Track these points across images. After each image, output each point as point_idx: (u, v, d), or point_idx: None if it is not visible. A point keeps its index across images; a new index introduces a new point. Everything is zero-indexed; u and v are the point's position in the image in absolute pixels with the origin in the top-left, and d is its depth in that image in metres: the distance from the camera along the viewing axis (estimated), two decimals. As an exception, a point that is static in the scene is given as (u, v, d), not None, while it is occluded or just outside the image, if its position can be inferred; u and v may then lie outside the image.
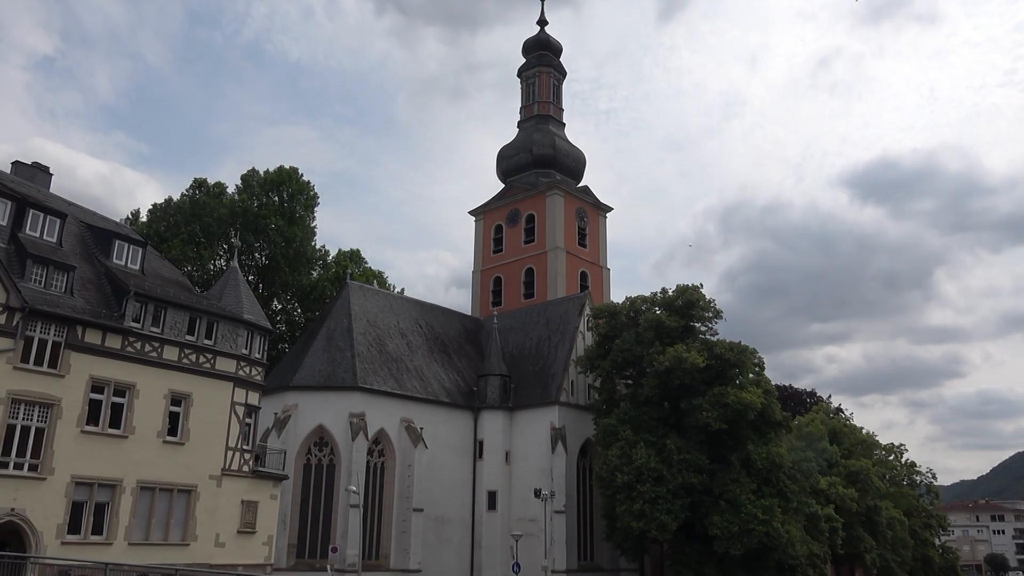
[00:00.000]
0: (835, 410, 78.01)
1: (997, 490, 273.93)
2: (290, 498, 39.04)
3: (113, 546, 25.74)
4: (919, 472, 75.69)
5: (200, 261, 55.05)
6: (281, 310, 60.27)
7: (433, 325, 52.12)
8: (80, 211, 32.44)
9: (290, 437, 40.18)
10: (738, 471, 39.66)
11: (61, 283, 26.85)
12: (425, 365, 47.92)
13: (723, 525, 37.88)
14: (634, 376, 44.71)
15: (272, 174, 59.36)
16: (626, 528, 39.05)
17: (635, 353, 43.09)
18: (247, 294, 34.16)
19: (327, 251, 63.84)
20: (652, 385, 41.58)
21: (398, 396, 43.82)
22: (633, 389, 44.34)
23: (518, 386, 48.68)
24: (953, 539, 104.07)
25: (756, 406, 39.70)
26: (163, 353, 28.56)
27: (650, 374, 42.01)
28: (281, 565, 36.38)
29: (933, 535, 74.18)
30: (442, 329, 52.54)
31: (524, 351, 51.12)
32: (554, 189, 60.39)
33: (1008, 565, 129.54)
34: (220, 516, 29.18)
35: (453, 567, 44.06)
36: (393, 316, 49.43)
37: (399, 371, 45.50)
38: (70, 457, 25.28)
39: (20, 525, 23.87)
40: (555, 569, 41.47)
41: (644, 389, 42.14)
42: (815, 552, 42.71)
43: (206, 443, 29.30)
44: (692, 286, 45.01)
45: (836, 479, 54.24)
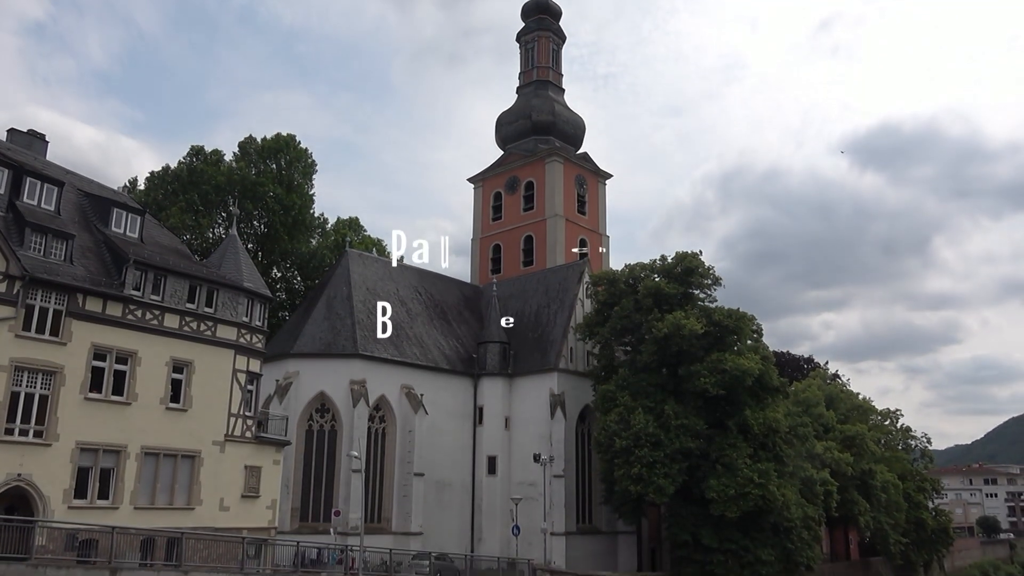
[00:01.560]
0: (832, 376, 78.64)
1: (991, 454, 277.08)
2: (292, 463, 39.55)
3: (119, 510, 26.12)
4: (914, 437, 76.61)
5: (199, 229, 54.95)
6: (281, 278, 60.34)
7: (432, 293, 52.26)
8: (77, 179, 32.31)
9: (292, 404, 40.57)
10: (735, 436, 40.13)
11: (60, 251, 26.86)
12: (425, 332, 48.16)
13: (719, 488, 38.44)
14: (633, 343, 44.98)
15: (270, 141, 59.01)
16: (624, 491, 39.62)
17: (634, 320, 43.32)
18: (246, 262, 34.20)
19: (326, 219, 63.80)
20: (651, 352, 41.86)
21: (398, 363, 44.13)
22: (632, 356, 44.64)
23: (517, 353, 48.99)
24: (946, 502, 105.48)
25: (754, 372, 40.04)
26: (164, 321, 28.68)
27: (649, 341, 42.27)
28: (285, 528, 36.95)
29: (927, 498, 75.24)
30: (441, 297, 52.70)
31: (523, 318, 51.33)
32: (553, 156, 60.10)
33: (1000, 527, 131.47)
34: (224, 481, 29.57)
35: (454, 530, 44.77)
36: (392, 284, 49.55)
37: (399, 338, 45.75)
38: (74, 424, 25.53)
39: (27, 490, 24.20)
40: (554, 531, 42.15)
41: (643, 356, 42.43)
42: (810, 515, 43.44)
43: (208, 409, 29.58)
44: (691, 253, 45.09)
45: (832, 444, 54.91)
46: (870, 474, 59.15)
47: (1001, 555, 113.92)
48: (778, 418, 41.90)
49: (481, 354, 48.78)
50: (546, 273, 54.50)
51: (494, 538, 44.88)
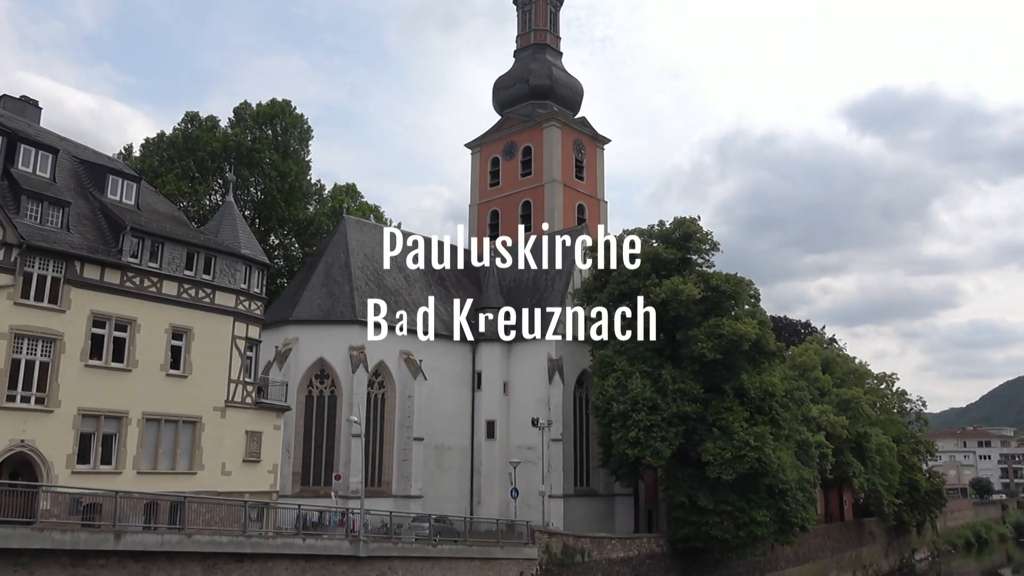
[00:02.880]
0: (828, 340, 79.07)
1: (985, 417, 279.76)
2: (293, 428, 39.93)
3: (122, 475, 26.42)
4: (909, 400, 77.33)
5: (195, 196, 54.76)
6: (278, 245, 60.27)
7: (430, 259, 52.23)
8: (72, 146, 32.08)
9: (291, 370, 40.82)
10: (731, 400, 40.49)
11: (57, 219, 26.78)
12: (423, 299, 48.24)
13: (716, 451, 38.89)
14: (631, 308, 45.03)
15: (265, 107, 58.49)
16: (621, 455, 40.08)
17: (632, 285, 43.37)
18: (244, 229, 34.14)
19: (323, 185, 63.54)
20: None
21: (396, 329, 44.26)
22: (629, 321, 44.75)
23: (516, 317, 49.12)
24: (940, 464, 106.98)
25: (751, 337, 40.23)
26: (162, 288, 28.72)
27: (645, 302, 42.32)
28: (286, 492, 37.46)
29: (921, 460, 76.20)
30: (439, 263, 52.68)
31: (521, 284, 51.41)
32: (551, 120, 59.63)
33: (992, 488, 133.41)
34: (225, 446, 29.87)
35: (453, 493, 45.38)
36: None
37: (397, 305, 45.85)
38: (75, 390, 25.71)
39: (31, 456, 24.47)
40: (552, 494, 42.72)
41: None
42: (805, 477, 44.00)
43: (208, 376, 29.76)
44: (689, 218, 44.98)
45: (827, 407, 55.41)
46: (865, 437, 59.81)
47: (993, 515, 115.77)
48: (774, 382, 42.21)
49: (479, 319, 48.94)
50: (544, 238, 54.43)
51: (493, 501, 45.50)
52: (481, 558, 30.62)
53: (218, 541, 22.52)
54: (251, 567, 23.22)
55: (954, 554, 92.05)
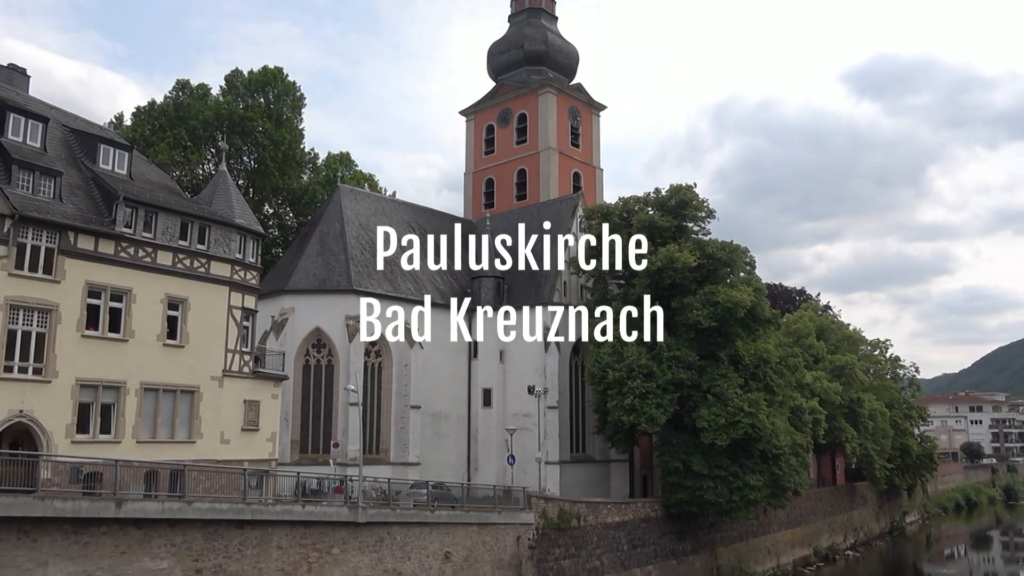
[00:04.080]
0: (823, 307, 79.43)
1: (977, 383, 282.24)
2: (291, 397, 40.15)
3: (122, 444, 26.62)
4: (902, 366, 78.08)
5: (188, 165, 54.32)
6: (273, 214, 59.98)
7: (426, 228, 52.10)
8: (62, 115, 31.74)
9: (288, 339, 40.91)
10: (726, 367, 40.77)
11: (49, 189, 26.60)
12: (419, 267, 48.19)
13: (710, 418, 39.28)
14: (626, 276, 45.18)
15: (257, 75, 57.79)
16: (617, 422, 40.45)
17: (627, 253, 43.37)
18: (237, 198, 33.96)
19: (316, 154, 63.06)
20: (644, 285, 42.11)
21: (393, 298, 44.32)
22: (625, 289, 44.91)
23: (511, 287, 49.21)
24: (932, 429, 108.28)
25: (746, 304, 40.40)
26: (157, 258, 28.65)
27: (642, 274, 42.46)
28: (285, 460, 37.79)
29: (913, 425, 77.13)
30: (435, 232, 52.56)
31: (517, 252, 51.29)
32: (546, 87, 59.08)
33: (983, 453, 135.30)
34: (224, 415, 30.07)
35: (451, 460, 45.82)
36: (385, 219, 49.32)
37: (393, 274, 45.83)
38: (73, 360, 25.78)
39: (30, 426, 24.61)
40: (549, 461, 43.17)
41: (636, 289, 42.69)
42: (798, 442, 44.53)
43: (205, 346, 29.84)
44: (685, 186, 44.91)
45: (821, 374, 55.90)
46: (858, 403, 60.45)
47: (983, 479, 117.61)
48: (769, 349, 42.51)
49: (475, 288, 48.99)
50: (540, 207, 54.28)
51: (490, 467, 45.98)
52: (478, 523, 31.04)
53: (218, 508, 22.77)
54: (251, 533, 23.52)
55: (944, 517, 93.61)
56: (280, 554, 24.17)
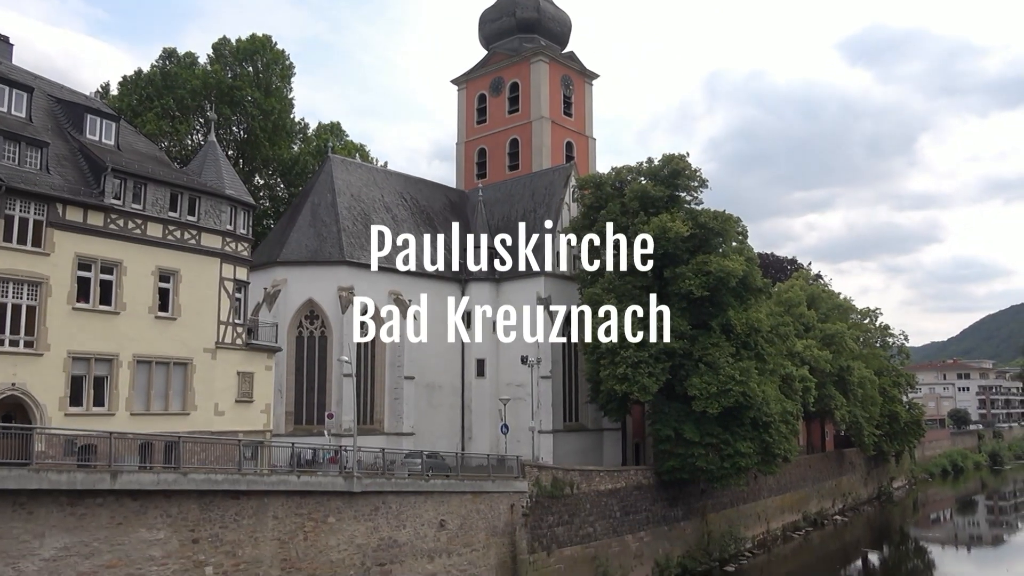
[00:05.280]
0: (814, 277, 79.80)
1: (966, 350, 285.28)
2: (285, 369, 40.20)
3: (116, 417, 26.63)
4: (892, 335, 78.70)
5: (176, 136, 53.71)
6: (263, 185, 59.52)
7: (418, 198, 51.84)
8: (47, 84, 31.24)
9: (281, 311, 40.85)
10: (718, 336, 41.01)
11: (35, 160, 26.26)
12: (411, 238, 48.04)
13: (702, 386, 39.59)
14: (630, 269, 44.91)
15: (244, 43, 56.93)
16: (609, 391, 40.73)
17: (620, 223, 43.34)
18: (227, 169, 33.64)
19: (306, 124, 62.44)
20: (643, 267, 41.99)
21: (386, 269, 44.23)
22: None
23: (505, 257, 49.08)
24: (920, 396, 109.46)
25: (738, 274, 40.52)
26: (147, 230, 28.42)
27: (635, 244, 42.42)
28: (280, 431, 37.95)
29: (901, 393, 78.08)
30: (427, 202, 52.32)
31: (510, 223, 51.21)
32: (539, 55, 58.44)
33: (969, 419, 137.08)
34: (217, 387, 30.09)
35: (445, 430, 46.11)
36: (377, 190, 49.05)
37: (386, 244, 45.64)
38: (64, 333, 25.67)
39: (23, 399, 24.57)
40: (542, 430, 43.53)
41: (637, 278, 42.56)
42: (788, 410, 45.04)
43: (198, 318, 29.76)
44: (678, 155, 44.72)
45: (812, 342, 56.33)
46: (848, 370, 61.04)
47: (969, 445, 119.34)
48: (760, 318, 42.74)
49: (469, 260, 48.89)
50: (532, 177, 54.03)
51: (484, 437, 46.33)
52: (473, 492, 31.34)
53: (214, 479, 22.90)
54: (247, 504, 23.69)
55: (931, 482, 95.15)
56: (276, 524, 24.38)
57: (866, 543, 58.66)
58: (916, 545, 59.04)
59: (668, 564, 40.72)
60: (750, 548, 49.03)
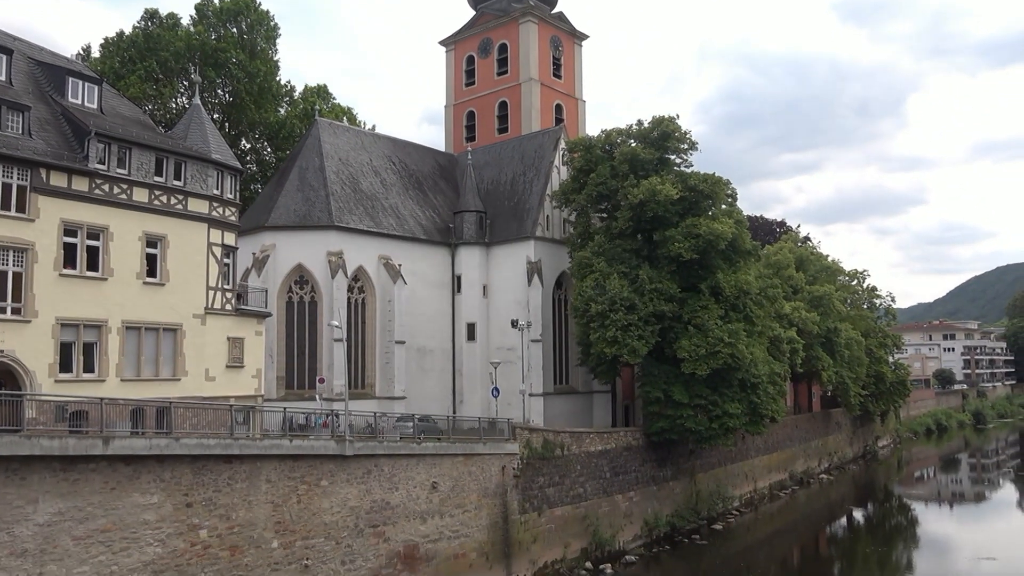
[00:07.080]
0: (803, 239, 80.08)
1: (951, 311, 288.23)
2: (275, 334, 40.18)
3: (106, 383, 26.64)
4: (879, 296, 79.29)
5: (160, 99, 52.85)
6: (250, 149, 58.85)
7: (407, 162, 51.46)
8: (27, 47, 30.58)
9: (270, 276, 40.71)
10: (707, 298, 41.24)
11: (17, 124, 25.81)
12: (400, 203, 47.82)
13: (691, 348, 39.93)
14: (609, 209, 45.11)
15: (228, 3, 55.78)
16: (599, 354, 41.00)
17: (610, 186, 43.24)
18: (213, 133, 33.21)
19: (293, 87, 61.55)
20: (626, 218, 42.11)
21: (375, 234, 44.08)
22: (608, 222, 44.91)
23: (494, 221, 49.03)
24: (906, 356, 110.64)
25: (727, 236, 40.61)
26: (133, 195, 28.12)
27: (624, 207, 42.43)
28: (271, 396, 38.10)
29: (887, 353, 78.91)
30: (416, 166, 51.95)
31: (499, 186, 51.00)
32: (528, 15, 57.61)
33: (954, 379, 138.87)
34: (208, 353, 30.09)
35: (436, 393, 46.41)
36: (365, 154, 48.63)
37: (374, 209, 45.45)
38: (52, 299, 25.52)
39: (12, 365, 24.51)
40: (532, 393, 43.90)
41: (618, 222, 42.70)
42: (776, 371, 45.56)
43: (186, 283, 29.62)
44: (668, 117, 44.47)
45: (800, 304, 56.74)
46: (835, 332, 61.60)
47: (954, 404, 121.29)
48: (749, 280, 42.96)
49: (458, 223, 48.75)
50: (521, 140, 53.65)
51: (475, 400, 46.67)
52: (464, 454, 31.68)
53: (206, 444, 23.01)
54: (240, 468, 23.87)
55: (915, 441, 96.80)
56: (269, 487, 24.61)
57: (851, 501, 59.85)
58: (900, 502, 60.27)
59: (657, 523, 41.46)
60: (737, 507, 49.96)
